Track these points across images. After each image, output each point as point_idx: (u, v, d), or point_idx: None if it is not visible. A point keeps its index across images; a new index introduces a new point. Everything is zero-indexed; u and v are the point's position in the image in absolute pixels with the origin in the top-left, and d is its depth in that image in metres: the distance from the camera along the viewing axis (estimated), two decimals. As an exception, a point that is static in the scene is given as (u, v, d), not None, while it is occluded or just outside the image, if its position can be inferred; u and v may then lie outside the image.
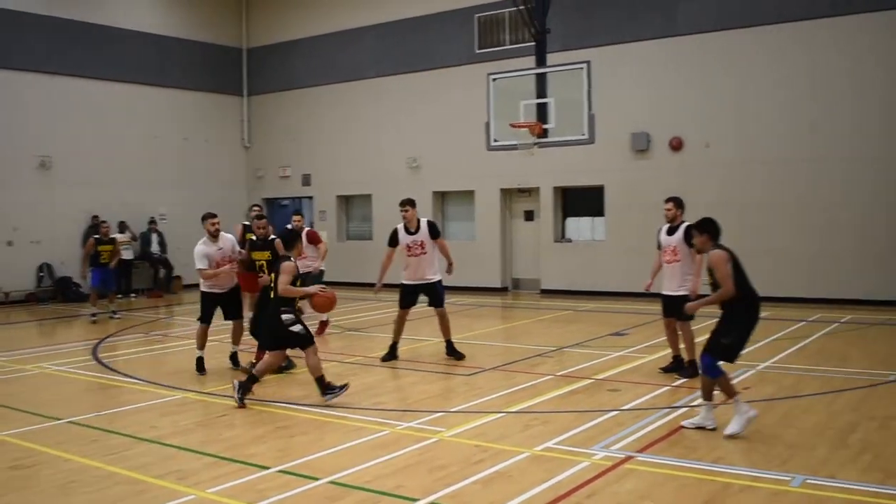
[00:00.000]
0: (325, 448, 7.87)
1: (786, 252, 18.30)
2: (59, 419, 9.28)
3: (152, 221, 24.41)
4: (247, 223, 14.16)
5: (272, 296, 9.79)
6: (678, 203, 11.09)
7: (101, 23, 24.01)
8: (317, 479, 6.94)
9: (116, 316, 18.55)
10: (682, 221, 10.87)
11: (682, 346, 11.04)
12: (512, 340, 14.42)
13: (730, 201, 18.18)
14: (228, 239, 12.21)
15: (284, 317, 9.67)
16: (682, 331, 10.93)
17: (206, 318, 12.04)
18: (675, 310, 10.62)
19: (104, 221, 19.73)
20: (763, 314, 8.27)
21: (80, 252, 22.89)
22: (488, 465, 7.23)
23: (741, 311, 8.04)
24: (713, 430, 8.00)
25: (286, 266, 9.75)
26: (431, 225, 12.45)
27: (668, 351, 11.41)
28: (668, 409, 9.14)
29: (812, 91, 18.15)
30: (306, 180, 26.66)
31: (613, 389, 10.26)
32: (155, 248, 24.25)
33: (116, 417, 9.36)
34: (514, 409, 9.28)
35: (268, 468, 7.27)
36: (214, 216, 12.16)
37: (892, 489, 6.42)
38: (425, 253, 12.28)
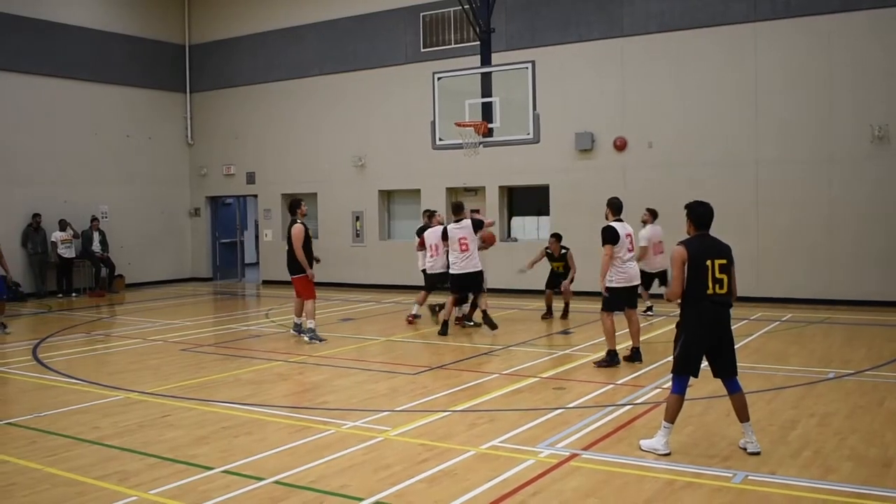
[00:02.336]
0: (270, 448, 7.82)
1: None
2: (-3, 421, 9.13)
3: (94, 219, 24.03)
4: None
5: None
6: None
7: (42, 17, 23.53)
8: (261, 479, 6.89)
9: (7, 330, 16.21)
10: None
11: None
12: (458, 339, 14.44)
13: (672, 201, 18.29)
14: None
15: None
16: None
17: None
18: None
19: None
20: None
21: (21, 251, 22.59)
22: (434, 463, 7.23)
23: (688, 316, 7.48)
24: (666, 455, 7.36)
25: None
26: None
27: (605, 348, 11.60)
28: (612, 407, 9.21)
29: (755, 94, 18.41)
30: (251, 178, 26.43)
31: (558, 388, 10.32)
32: (96, 246, 23.86)
33: (56, 418, 9.20)
34: (459, 408, 9.30)
35: (211, 469, 7.20)
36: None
37: (831, 484, 6.54)
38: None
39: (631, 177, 19.68)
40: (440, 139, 16.01)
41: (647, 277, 15.69)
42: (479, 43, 17.41)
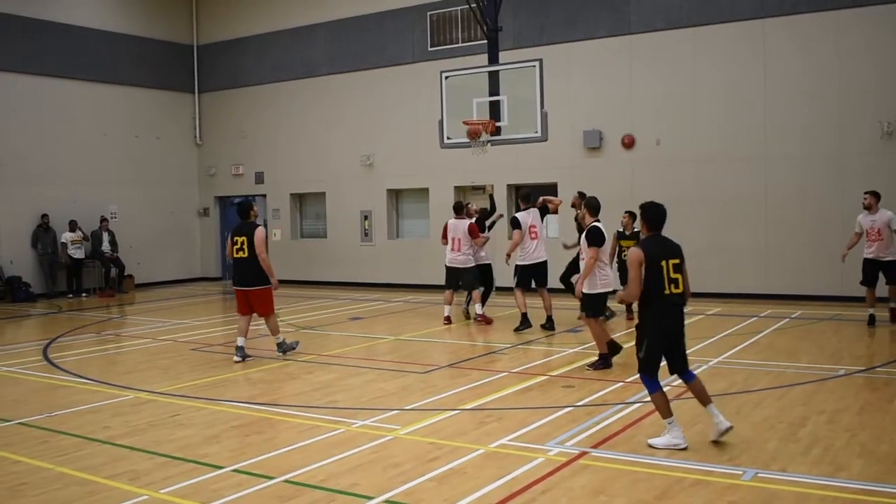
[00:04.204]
0: (279, 447, 7.84)
1: (736, 248, 18.55)
2: (9, 420, 9.15)
3: (103, 220, 24.10)
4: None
5: None
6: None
7: (50, 19, 23.58)
8: (271, 478, 6.91)
9: None
10: None
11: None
12: (467, 338, 14.45)
13: (681, 198, 18.31)
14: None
15: None
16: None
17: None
18: None
19: None
20: (715, 310, 8.28)
21: (30, 252, 22.68)
22: (443, 462, 7.24)
23: (648, 317, 7.64)
24: (685, 448, 7.42)
25: None
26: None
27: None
28: (621, 405, 9.20)
29: (763, 90, 18.38)
30: (259, 178, 26.47)
31: (568, 386, 10.31)
32: (106, 246, 23.92)
33: (67, 418, 9.23)
34: (468, 407, 9.30)
35: (221, 468, 7.22)
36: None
37: (841, 482, 6.53)
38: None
39: (639, 174, 19.66)
40: (448, 138, 16.02)
41: (873, 269, 14.35)
42: (486, 41, 17.42)
